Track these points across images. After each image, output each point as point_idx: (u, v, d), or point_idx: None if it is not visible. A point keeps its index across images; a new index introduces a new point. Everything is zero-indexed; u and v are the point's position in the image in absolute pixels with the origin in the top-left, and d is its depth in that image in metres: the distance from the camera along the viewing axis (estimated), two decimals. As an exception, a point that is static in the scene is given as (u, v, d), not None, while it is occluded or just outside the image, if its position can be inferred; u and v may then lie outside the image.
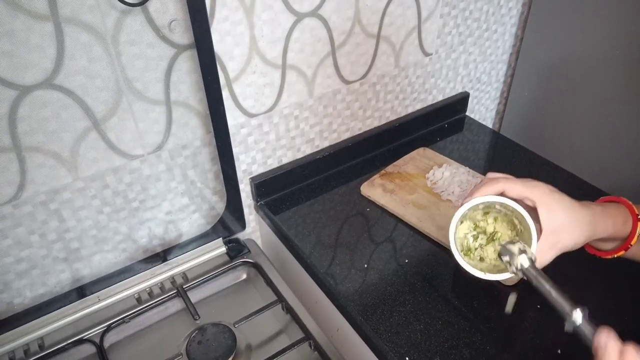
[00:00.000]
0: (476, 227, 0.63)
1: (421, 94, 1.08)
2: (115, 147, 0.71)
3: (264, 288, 0.83)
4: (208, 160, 0.81)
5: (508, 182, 0.58)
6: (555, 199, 0.57)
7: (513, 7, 1.13)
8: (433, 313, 0.71)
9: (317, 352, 0.72)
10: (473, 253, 0.63)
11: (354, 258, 0.80)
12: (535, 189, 0.57)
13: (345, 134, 1.00)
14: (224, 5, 0.70)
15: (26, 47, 0.58)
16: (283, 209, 0.91)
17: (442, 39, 1.03)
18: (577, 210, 0.57)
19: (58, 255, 0.74)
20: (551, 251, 0.57)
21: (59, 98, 0.63)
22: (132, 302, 0.80)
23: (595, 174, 1.01)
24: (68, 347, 0.73)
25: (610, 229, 0.60)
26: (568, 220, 0.57)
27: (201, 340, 0.73)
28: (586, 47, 1.04)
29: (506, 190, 0.58)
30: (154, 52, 0.67)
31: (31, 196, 0.67)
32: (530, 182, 0.59)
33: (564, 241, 0.57)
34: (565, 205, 0.57)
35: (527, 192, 0.57)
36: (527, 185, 0.58)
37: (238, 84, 0.78)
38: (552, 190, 0.58)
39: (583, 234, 0.57)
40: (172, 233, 0.85)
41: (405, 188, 0.92)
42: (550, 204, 0.57)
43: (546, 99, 1.17)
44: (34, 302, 0.75)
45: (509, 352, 0.67)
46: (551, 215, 0.56)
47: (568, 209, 0.57)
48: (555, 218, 0.56)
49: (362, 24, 0.87)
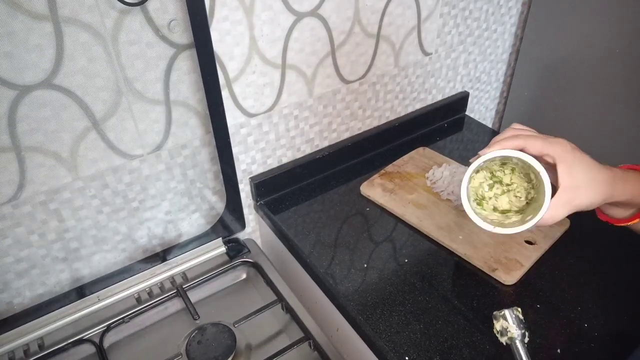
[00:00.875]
0: (492, 176, 0.63)
1: (421, 93, 1.08)
2: (115, 146, 0.71)
3: (263, 288, 0.83)
4: (208, 160, 0.81)
5: (529, 139, 0.58)
6: (576, 156, 0.57)
7: (513, 6, 1.13)
8: (433, 313, 0.71)
9: (316, 351, 0.72)
10: (487, 202, 0.63)
11: (354, 258, 0.80)
12: (557, 146, 0.57)
13: (345, 134, 1.00)
14: (224, 4, 0.70)
15: (25, 47, 0.58)
16: (283, 208, 0.91)
17: (441, 39, 1.03)
18: (596, 170, 0.57)
19: (57, 255, 0.74)
20: (565, 207, 0.57)
21: (58, 98, 0.63)
22: (131, 302, 0.80)
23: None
24: (68, 347, 0.73)
25: (629, 194, 0.59)
26: (586, 178, 0.56)
27: (201, 340, 0.73)
28: (586, 46, 1.04)
29: (527, 146, 0.58)
30: (153, 51, 0.67)
31: (31, 196, 0.67)
32: (551, 138, 0.58)
33: (580, 199, 0.57)
34: (585, 164, 0.57)
35: (547, 148, 0.57)
36: (548, 142, 0.57)
37: (238, 83, 0.78)
38: (573, 147, 0.58)
39: (600, 194, 0.57)
40: (171, 233, 0.85)
41: (405, 188, 0.92)
42: (570, 161, 0.56)
43: (546, 98, 1.17)
44: (33, 302, 0.75)
45: (509, 352, 0.67)
46: (570, 172, 0.56)
47: (588, 168, 0.57)
48: (574, 175, 0.56)
49: (362, 24, 0.87)
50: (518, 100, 1.24)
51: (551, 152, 0.57)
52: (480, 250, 0.78)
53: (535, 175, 0.60)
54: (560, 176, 0.56)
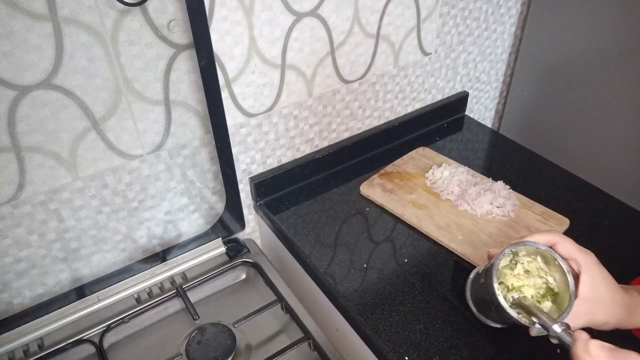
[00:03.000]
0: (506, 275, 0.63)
1: (420, 93, 1.08)
2: (115, 147, 0.71)
3: (263, 288, 0.83)
4: (207, 160, 0.81)
5: (562, 238, 0.59)
6: (601, 271, 0.57)
7: (512, 6, 1.13)
8: (432, 313, 0.71)
9: (316, 351, 0.72)
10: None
11: (354, 258, 0.80)
12: (586, 256, 0.58)
13: (345, 134, 1.00)
14: (223, 5, 0.70)
15: (25, 47, 0.58)
16: (282, 208, 0.91)
17: (441, 39, 1.03)
18: (617, 291, 0.57)
19: (57, 255, 0.74)
20: (581, 319, 0.57)
21: (58, 98, 0.63)
22: (131, 302, 0.80)
23: (595, 174, 1.01)
24: (67, 347, 0.73)
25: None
26: (606, 296, 0.57)
27: (201, 340, 0.73)
28: (585, 46, 1.04)
29: (558, 244, 0.58)
30: (153, 51, 0.67)
31: (30, 196, 0.67)
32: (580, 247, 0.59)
33: (597, 314, 0.57)
34: (608, 282, 0.57)
35: (577, 254, 0.57)
36: (579, 249, 0.58)
37: (237, 83, 0.78)
38: (599, 262, 0.58)
39: (616, 315, 0.57)
40: (171, 233, 0.85)
41: (405, 188, 0.92)
42: (595, 274, 0.57)
43: (545, 98, 1.17)
44: (33, 302, 0.75)
45: (509, 352, 0.67)
46: (592, 285, 0.56)
47: (610, 286, 0.57)
48: (597, 289, 0.56)
49: (362, 24, 0.87)
50: (518, 100, 1.24)
51: (580, 259, 0.57)
52: (480, 250, 0.78)
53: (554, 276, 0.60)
54: (584, 286, 0.56)
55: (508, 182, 0.90)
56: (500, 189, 0.88)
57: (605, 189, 0.92)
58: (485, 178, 0.92)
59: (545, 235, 0.59)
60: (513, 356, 0.67)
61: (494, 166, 1.01)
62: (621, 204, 0.89)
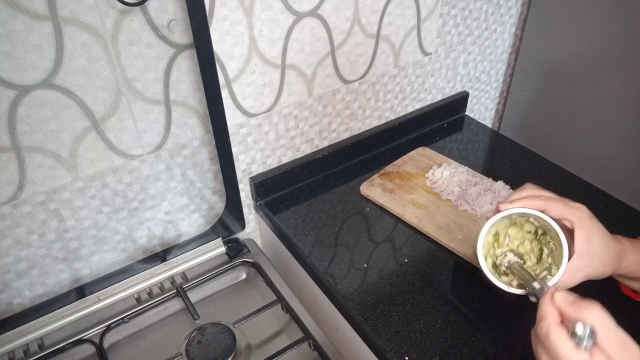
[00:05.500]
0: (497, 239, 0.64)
1: (420, 93, 1.08)
2: (115, 147, 0.71)
3: (263, 288, 0.83)
4: (207, 160, 0.81)
5: (550, 202, 0.59)
6: (594, 224, 0.58)
7: (512, 6, 1.13)
8: (432, 313, 0.71)
9: (316, 351, 0.72)
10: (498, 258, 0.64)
11: (354, 258, 0.80)
12: (578, 212, 0.58)
13: (345, 134, 1.00)
14: (223, 5, 0.70)
15: (25, 47, 0.58)
16: (282, 208, 0.91)
17: (441, 39, 1.03)
18: (609, 240, 0.59)
19: (57, 255, 0.74)
20: (579, 274, 0.58)
21: (58, 98, 0.63)
22: (131, 302, 0.80)
23: (595, 173, 1.01)
24: (68, 347, 0.73)
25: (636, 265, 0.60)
26: (601, 247, 0.58)
27: (201, 340, 0.73)
28: (585, 46, 1.04)
29: (548, 208, 0.59)
30: (153, 51, 0.67)
31: (30, 196, 0.67)
32: (571, 202, 0.59)
33: (594, 267, 0.58)
34: (601, 233, 0.58)
35: (568, 213, 0.58)
36: (569, 206, 0.58)
37: (237, 83, 0.78)
38: (591, 215, 0.59)
39: (611, 263, 0.58)
40: (171, 233, 0.85)
41: (405, 188, 0.92)
42: (589, 228, 0.57)
43: (546, 98, 1.17)
44: (33, 302, 0.75)
45: (509, 352, 0.67)
46: (588, 239, 0.57)
47: (603, 237, 0.58)
48: (591, 243, 0.57)
49: (362, 24, 0.87)
50: (518, 100, 1.24)
51: (572, 217, 0.58)
52: (480, 250, 0.78)
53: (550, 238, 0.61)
54: (578, 242, 0.57)
55: (508, 182, 0.90)
56: (500, 189, 0.88)
57: (605, 188, 0.92)
58: (486, 178, 0.92)
59: (535, 201, 0.59)
60: (513, 356, 0.67)
61: (494, 166, 1.01)
62: (621, 204, 0.89)
